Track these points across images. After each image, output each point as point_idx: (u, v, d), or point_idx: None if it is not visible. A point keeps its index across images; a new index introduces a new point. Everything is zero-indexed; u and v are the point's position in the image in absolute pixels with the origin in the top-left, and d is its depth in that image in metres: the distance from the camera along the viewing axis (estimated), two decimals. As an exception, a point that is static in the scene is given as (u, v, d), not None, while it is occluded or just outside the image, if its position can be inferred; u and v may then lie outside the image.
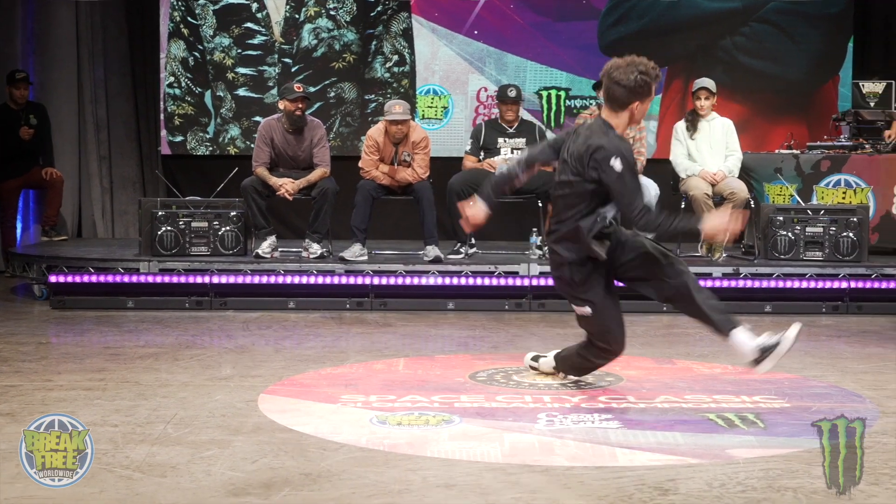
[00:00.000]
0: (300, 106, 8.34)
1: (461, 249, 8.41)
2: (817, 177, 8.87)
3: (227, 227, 8.13)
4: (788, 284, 7.87)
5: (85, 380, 5.15)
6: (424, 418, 4.43)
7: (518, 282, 7.89)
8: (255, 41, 10.84)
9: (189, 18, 10.82)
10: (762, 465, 3.73)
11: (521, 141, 8.68)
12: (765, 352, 4.47)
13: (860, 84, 9.12)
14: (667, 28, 11.01)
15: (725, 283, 7.82)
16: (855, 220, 8.14)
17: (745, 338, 4.51)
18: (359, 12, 10.85)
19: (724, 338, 4.59)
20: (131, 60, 10.84)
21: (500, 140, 8.69)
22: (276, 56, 10.83)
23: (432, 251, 8.18)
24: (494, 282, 7.90)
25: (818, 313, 7.77)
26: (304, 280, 7.84)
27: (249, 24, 10.83)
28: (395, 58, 10.91)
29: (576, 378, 5.21)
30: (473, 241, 8.68)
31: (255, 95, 10.85)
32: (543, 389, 5.03)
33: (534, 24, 10.97)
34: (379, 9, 10.88)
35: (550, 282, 7.80)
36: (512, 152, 8.63)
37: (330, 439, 4.06)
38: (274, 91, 10.60)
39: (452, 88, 11.00)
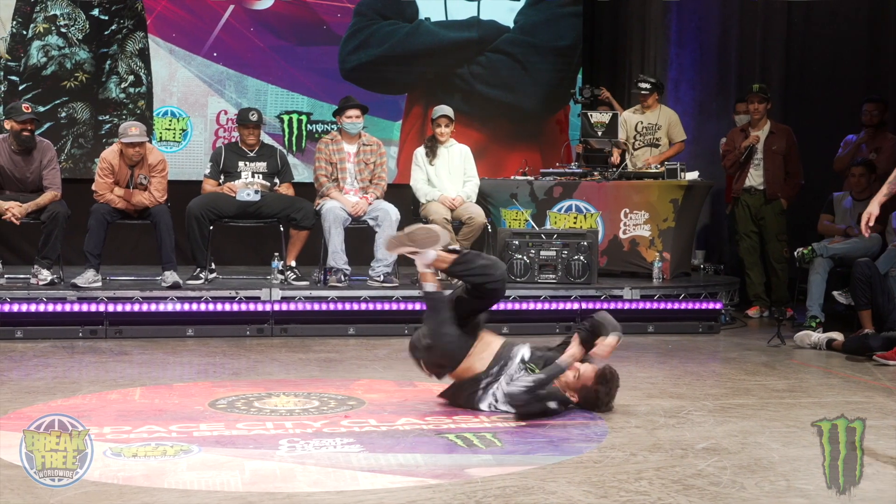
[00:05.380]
0: (29, 127, 7.97)
1: (201, 275, 8.24)
2: (550, 202, 9.20)
3: (-52, 253, 7.66)
4: (524, 306, 8.12)
5: None
6: (162, 449, 4.29)
7: (260, 307, 7.80)
8: (-21, 57, 10.30)
9: None
10: (499, 483, 3.81)
11: (261, 165, 8.61)
12: None
13: (588, 114, 9.52)
14: (406, 55, 11.21)
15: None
16: (585, 244, 8.49)
17: None
18: (92, 30, 10.49)
19: None
20: None
21: (241, 164, 8.58)
22: (2, 73, 10.31)
23: (170, 277, 7.98)
24: (235, 307, 7.78)
25: (552, 333, 8.04)
26: (33, 308, 7.47)
27: (-28, 40, 10.28)
28: (131, 78, 10.60)
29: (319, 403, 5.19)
30: (213, 266, 8.52)
31: (-21, 114, 10.30)
32: (285, 416, 4.97)
33: (274, 47, 10.92)
34: (113, 27, 10.55)
35: (292, 306, 7.81)
36: (253, 176, 8.54)
37: (60, 474, 3.86)
38: None
39: (191, 111, 10.79)
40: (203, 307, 7.73)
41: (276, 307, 7.82)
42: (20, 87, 10.32)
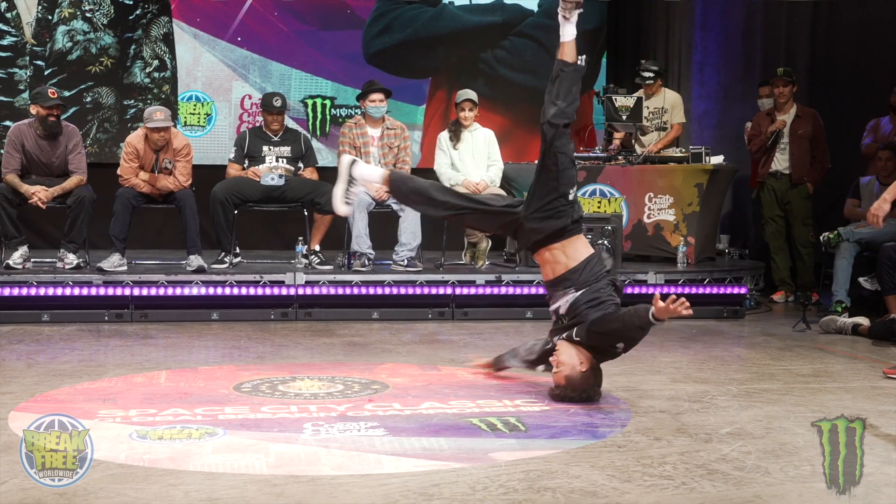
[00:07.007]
0: (55, 112, 8.01)
1: (225, 259, 8.27)
2: (574, 186, 9.16)
3: (-25, 237, 7.72)
4: (548, 291, 8.09)
5: None
6: (187, 432, 4.31)
7: (284, 291, 7.83)
8: (5, 42, 10.35)
9: (-69, 16, 10.23)
10: (523, 467, 3.81)
11: (286, 149, 8.62)
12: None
13: (613, 98, 9.47)
14: (430, 40, 11.20)
15: (488, 290, 7.99)
16: (609, 228, 8.47)
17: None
18: (117, 15, 10.52)
19: None
20: None
21: (265, 148, 8.60)
22: (28, 58, 10.37)
23: (195, 261, 8.02)
24: (260, 291, 7.81)
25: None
26: (60, 291, 7.52)
27: (-2, 25, 10.34)
28: (156, 63, 10.64)
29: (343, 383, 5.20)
30: (238, 250, 8.56)
31: (5, 99, 10.35)
32: (309, 399, 4.99)
33: (298, 32, 10.92)
34: (138, 12, 10.58)
35: (316, 290, 7.82)
36: (277, 160, 8.56)
37: (86, 457, 3.89)
38: (25, 95, 10.15)
39: (216, 95, 10.82)
40: (228, 291, 7.76)
41: (301, 291, 7.84)
42: (46, 72, 10.38)
